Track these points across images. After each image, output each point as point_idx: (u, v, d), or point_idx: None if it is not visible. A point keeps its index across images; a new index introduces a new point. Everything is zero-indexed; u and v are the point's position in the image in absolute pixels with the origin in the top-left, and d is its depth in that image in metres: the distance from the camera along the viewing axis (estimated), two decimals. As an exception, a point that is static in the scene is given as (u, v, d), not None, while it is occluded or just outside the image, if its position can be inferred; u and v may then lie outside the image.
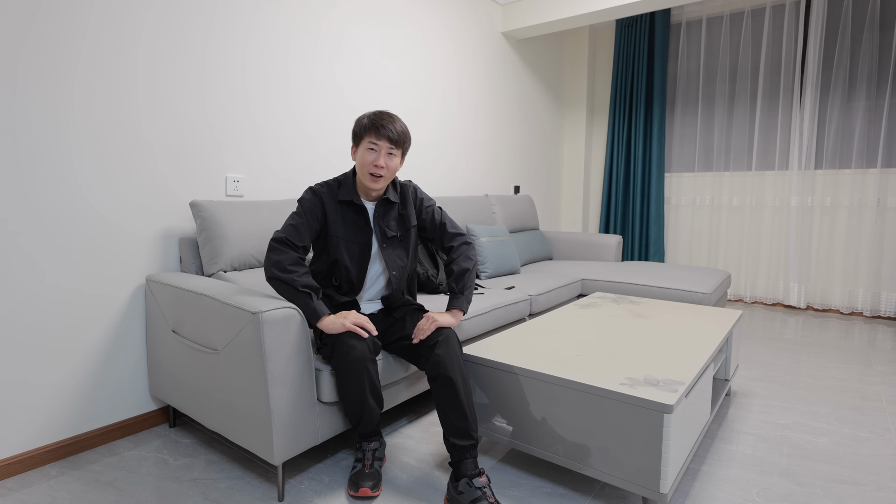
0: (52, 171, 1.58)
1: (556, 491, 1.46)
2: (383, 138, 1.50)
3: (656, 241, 4.30)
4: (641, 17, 4.22)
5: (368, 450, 1.51)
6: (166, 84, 1.85)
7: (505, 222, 3.39)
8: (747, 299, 4.04)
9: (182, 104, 1.90)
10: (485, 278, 2.80)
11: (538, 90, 4.22)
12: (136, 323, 1.82)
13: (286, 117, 2.28)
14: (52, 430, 1.64)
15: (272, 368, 1.32)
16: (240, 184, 2.10)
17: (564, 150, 4.69)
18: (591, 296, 2.44)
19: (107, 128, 1.70)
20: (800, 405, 2.07)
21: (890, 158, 3.44)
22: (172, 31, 1.85)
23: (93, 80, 1.66)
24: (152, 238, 1.84)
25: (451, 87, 3.28)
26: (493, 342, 1.69)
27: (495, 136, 3.75)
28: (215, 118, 2.01)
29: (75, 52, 1.61)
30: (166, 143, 1.86)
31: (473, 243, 1.63)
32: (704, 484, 1.49)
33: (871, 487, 1.48)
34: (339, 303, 1.61)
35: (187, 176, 1.93)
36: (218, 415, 1.51)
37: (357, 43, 2.61)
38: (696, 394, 1.42)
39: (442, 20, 3.17)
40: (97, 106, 1.68)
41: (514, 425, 1.50)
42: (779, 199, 3.87)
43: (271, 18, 2.19)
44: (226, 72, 2.03)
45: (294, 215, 1.54)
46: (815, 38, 3.59)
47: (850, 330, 3.24)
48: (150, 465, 1.62)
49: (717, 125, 4.05)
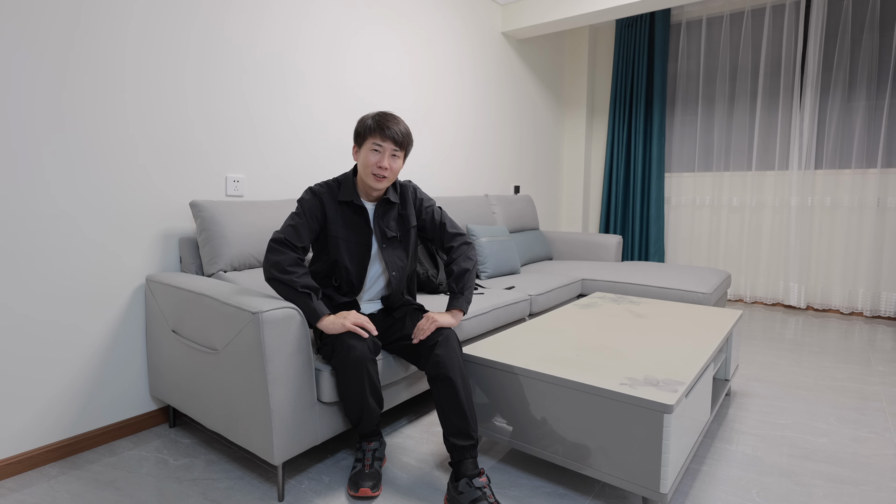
0: (51, 172, 1.58)
1: (556, 491, 1.46)
2: (388, 140, 1.50)
3: (656, 241, 4.30)
4: (641, 17, 4.23)
5: (368, 450, 1.51)
6: (165, 84, 1.85)
7: (505, 222, 3.39)
8: (747, 299, 4.04)
9: (181, 104, 1.90)
10: (485, 278, 2.80)
11: (538, 90, 4.22)
12: (136, 323, 1.82)
13: (285, 117, 2.28)
14: (51, 430, 1.64)
15: (272, 368, 1.32)
16: (240, 184, 2.10)
17: (564, 150, 4.69)
18: (591, 296, 2.44)
19: (106, 128, 1.70)
20: (800, 405, 2.07)
21: (890, 158, 3.44)
22: (169, 31, 1.85)
23: (92, 79, 1.66)
24: (152, 238, 1.84)
25: (451, 87, 3.28)
26: (493, 342, 1.69)
27: (495, 136, 3.75)
28: (214, 118, 2.01)
29: (75, 50, 1.61)
30: (166, 143, 1.86)
31: (473, 243, 1.63)
32: (704, 484, 1.49)
33: (871, 487, 1.48)
34: (338, 303, 1.61)
35: (187, 176, 1.93)
36: (218, 415, 1.51)
37: (357, 43, 2.61)
38: (696, 394, 1.42)
39: (442, 20, 3.17)
40: (97, 106, 1.68)
41: (514, 425, 1.50)
42: (779, 199, 3.87)
43: (271, 18, 2.19)
44: (225, 71, 2.03)
45: (293, 216, 1.53)
46: (815, 38, 3.59)
47: (850, 330, 3.24)
48: (150, 465, 1.62)
49: (717, 125, 4.05)
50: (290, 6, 2.27)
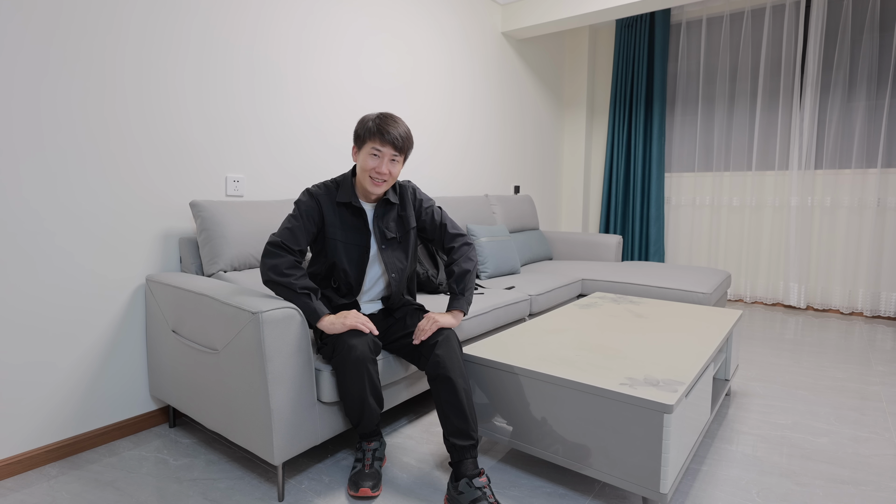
0: (50, 172, 1.58)
1: (556, 491, 1.46)
2: (387, 144, 1.48)
3: (656, 241, 4.30)
4: (641, 17, 4.23)
5: (368, 450, 1.51)
6: (165, 84, 1.85)
7: (505, 222, 3.39)
8: (747, 299, 4.04)
9: (181, 104, 1.90)
10: (485, 278, 2.80)
11: (538, 90, 4.22)
12: (137, 323, 1.82)
13: (287, 117, 2.28)
14: (52, 430, 1.64)
15: (272, 368, 1.32)
16: (240, 184, 2.10)
17: (564, 150, 4.69)
18: (591, 296, 2.44)
19: (106, 128, 1.70)
20: (800, 405, 2.07)
21: (890, 158, 3.44)
22: (170, 30, 1.85)
23: (91, 79, 1.66)
24: (152, 238, 1.84)
25: (451, 86, 3.28)
26: (493, 342, 1.69)
27: (495, 135, 3.75)
28: (214, 118, 2.01)
29: (73, 50, 1.61)
30: (166, 143, 1.86)
31: (474, 244, 1.63)
32: (704, 484, 1.49)
33: (871, 487, 1.48)
34: (338, 304, 1.61)
35: (187, 176, 1.93)
36: (218, 415, 1.51)
37: (357, 42, 2.61)
38: (696, 394, 1.42)
39: (442, 20, 3.17)
40: (96, 105, 1.68)
41: (514, 425, 1.50)
42: (779, 199, 3.87)
43: (272, 19, 2.19)
44: (226, 71, 2.03)
45: (290, 218, 1.52)
46: (815, 38, 3.59)
47: (850, 330, 3.24)
48: (150, 465, 1.62)
49: (717, 125, 4.05)
50: (291, 6, 2.27)
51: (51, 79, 1.57)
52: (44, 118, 1.56)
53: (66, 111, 1.61)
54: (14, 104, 1.50)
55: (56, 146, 1.59)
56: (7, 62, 1.48)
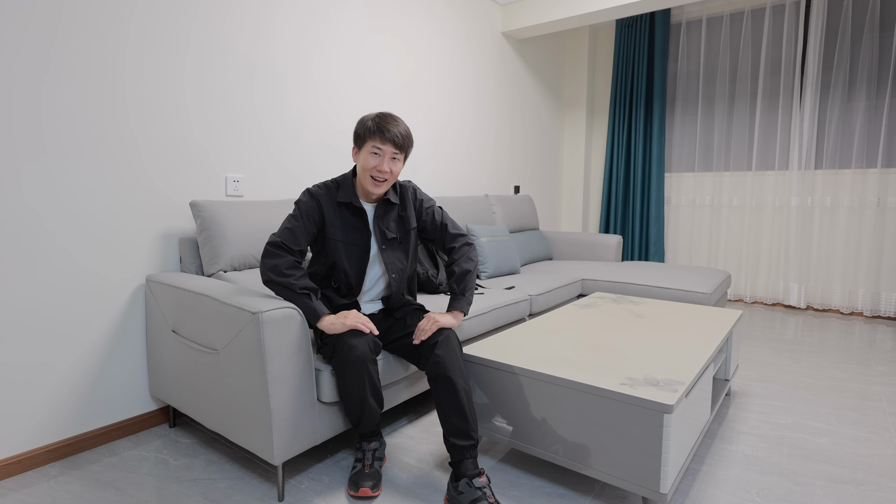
0: (50, 172, 1.58)
1: (556, 491, 1.46)
2: (388, 143, 1.48)
3: (656, 241, 4.30)
4: (641, 17, 4.23)
5: (368, 450, 1.51)
6: (165, 84, 1.85)
7: (505, 222, 3.39)
8: (747, 299, 4.04)
9: (181, 104, 1.90)
10: (485, 278, 2.80)
11: (538, 90, 4.22)
12: (136, 323, 1.82)
13: (287, 117, 2.28)
14: (51, 430, 1.64)
15: (272, 368, 1.32)
16: (240, 184, 2.10)
17: (564, 150, 4.69)
18: (591, 296, 2.44)
19: (106, 128, 1.70)
20: (800, 405, 2.07)
21: (890, 158, 3.44)
22: (170, 30, 1.85)
23: (91, 79, 1.66)
24: (152, 238, 1.84)
25: (451, 86, 3.28)
26: (493, 342, 1.69)
27: (495, 135, 3.75)
28: (214, 118, 2.01)
29: (73, 50, 1.61)
30: (166, 143, 1.86)
31: (474, 244, 1.63)
32: (704, 484, 1.49)
33: (871, 487, 1.48)
34: (338, 304, 1.61)
35: (187, 176, 1.93)
36: (218, 415, 1.51)
37: (357, 43, 2.61)
38: (696, 394, 1.42)
39: (442, 21, 3.17)
40: (96, 105, 1.68)
41: (514, 425, 1.50)
42: (779, 199, 3.87)
43: (273, 19, 2.19)
44: (226, 71, 2.03)
45: (290, 218, 1.52)
46: (815, 38, 3.59)
47: (850, 330, 3.24)
48: (150, 465, 1.62)
49: (717, 125, 4.05)
50: (291, 7, 2.27)
51: (51, 79, 1.57)
52: (44, 118, 1.56)
53: (67, 111, 1.61)
54: (14, 104, 1.50)
55: (56, 146, 1.59)
56: (7, 62, 1.48)
